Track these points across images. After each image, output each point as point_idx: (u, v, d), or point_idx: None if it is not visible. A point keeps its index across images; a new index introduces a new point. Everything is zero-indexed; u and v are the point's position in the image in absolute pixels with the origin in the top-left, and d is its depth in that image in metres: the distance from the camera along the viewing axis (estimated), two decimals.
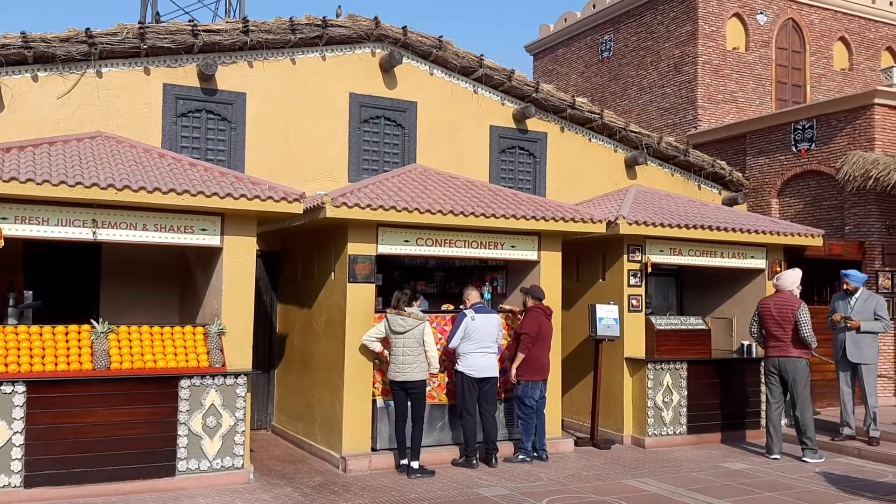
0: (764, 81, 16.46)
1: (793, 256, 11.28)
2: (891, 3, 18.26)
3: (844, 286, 9.76)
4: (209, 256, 8.14)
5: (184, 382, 7.37)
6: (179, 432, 7.33)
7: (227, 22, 10.63)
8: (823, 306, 11.64)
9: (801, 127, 13.31)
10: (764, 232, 10.59)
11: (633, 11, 17.54)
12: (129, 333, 7.49)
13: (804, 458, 8.96)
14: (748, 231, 10.45)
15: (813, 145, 13.09)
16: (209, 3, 29.43)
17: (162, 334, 7.62)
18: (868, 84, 16.68)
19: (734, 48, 16.22)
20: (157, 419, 7.26)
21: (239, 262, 7.85)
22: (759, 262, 10.92)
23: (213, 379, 7.49)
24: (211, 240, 7.77)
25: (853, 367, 9.65)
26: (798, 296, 9.31)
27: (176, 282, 9.62)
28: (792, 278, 9.27)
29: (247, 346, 7.84)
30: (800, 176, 13.40)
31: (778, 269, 10.94)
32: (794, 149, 13.42)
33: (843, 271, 9.90)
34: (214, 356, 7.56)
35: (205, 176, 7.81)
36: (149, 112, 9.97)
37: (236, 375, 7.59)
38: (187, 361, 7.48)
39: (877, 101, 12.30)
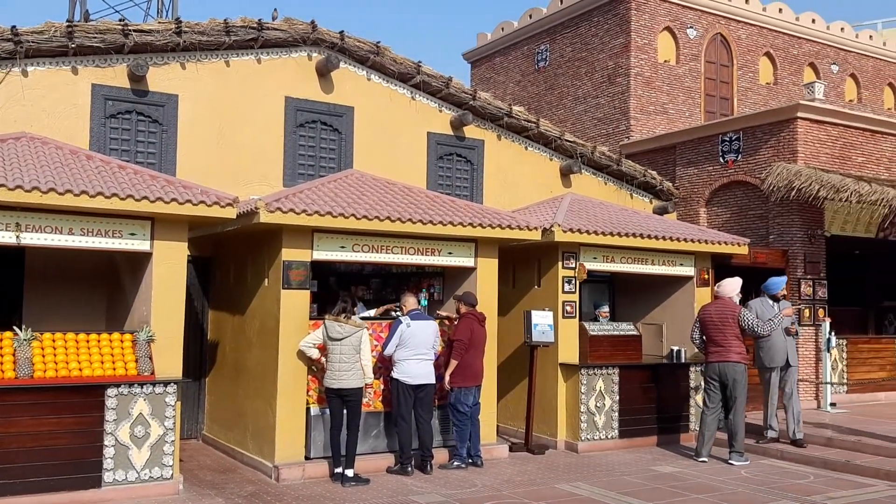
0: (693, 94, 16.93)
1: (720, 264, 11.62)
2: (813, 21, 19.02)
3: (782, 293, 10.11)
4: (138, 261, 7.94)
5: (111, 391, 7.17)
6: (106, 442, 7.12)
7: (159, 22, 10.42)
8: None
9: (728, 139, 13.74)
10: (692, 240, 10.88)
11: (569, 23, 17.85)
12: (54, 341, 7.25)
13: (730, 461, 9.22)
14: (678, 239, 10.72)
15: (739, 157, 13.52)
16: (140, 2, 28.79)
17: (88, 342, 7.40)
18: (791, 98, 17.30)
19: (665, 61, 16.65)
20: (82, 429, 7.04)
21: (169, 268, 7.68)
22: (688, 270, 11.21)
23: (142, 387, 7.30)
24: (140, 245, 7.58)
25: (783, 370, 9.98)
26: (738, 303, 9.61)
27: (103, 287, 9.36)
28: (732, 286, 9.54)
29: (177, 354, 7.67)
30: (727, 186, 13.82)
31: (706, 276, 11.26)
32: (721, 160, 13.84)
33: (773, 280, 10.24)
34: (143, 364, 7.37)
35: (134, 179, 7.62)
36: (76, 113, 9.69)
37: (166, 384, 7.42)
38: (114, 369, 7.28)
39: (800, 114, 12.78)
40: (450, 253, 9.31)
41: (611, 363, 10.29)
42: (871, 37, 20.64)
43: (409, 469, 8.35)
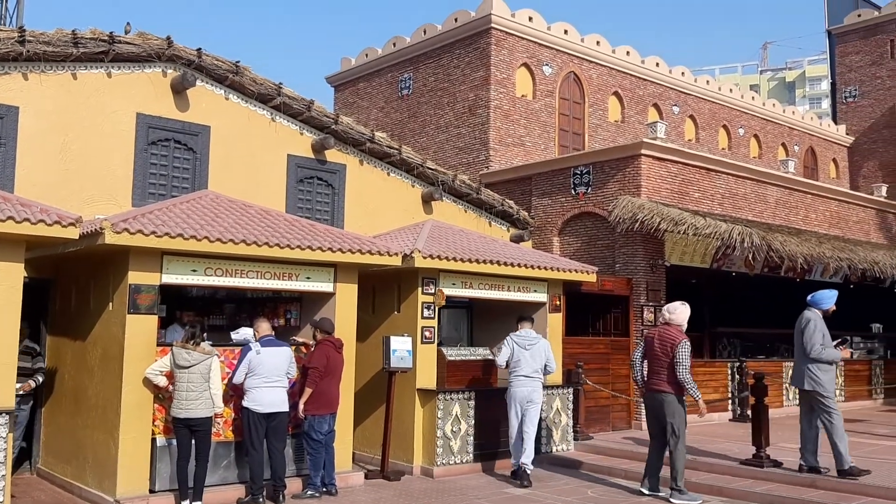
0: (548, 128, 17.67)
1: (570, 291, 12.11)
2: (657, 65, 20.37)
3: (832, 311, 9.21)
4: None
5: None
6: None
7: (0, 30, 9.78)
8: (595, 336, 12.72)
9: (579, 172, 14.40)
10: (546, 268, 11.29)
11: (432, 53, 18.22)
12: None
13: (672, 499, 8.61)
14: (532, 266, 11.10)
15: (589, 189, 14.20)
16: None
17: None
18: (637, 136, 18.37)
19: (523, 95, 17.30)
20: None
21: (2, 291, 7.17)
22: (542, 296, 11.60)
23: None
24: None
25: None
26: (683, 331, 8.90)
27: None
28: (684, 314, 8.88)
29: (9, 382, 7.14)
30: (578, 217, 14.46)
31: (557, 302, 11.70)
32: (573, 192, 14.48)
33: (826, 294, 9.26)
34: None
35: None
36: None
37: None
38: None
39: (643, 151, 13.58)
40: (308, 278, 9.21)
41: (467, 388, 10.46)
42: (707, 82, 22.33)
43: (261, 500, 8.12)
